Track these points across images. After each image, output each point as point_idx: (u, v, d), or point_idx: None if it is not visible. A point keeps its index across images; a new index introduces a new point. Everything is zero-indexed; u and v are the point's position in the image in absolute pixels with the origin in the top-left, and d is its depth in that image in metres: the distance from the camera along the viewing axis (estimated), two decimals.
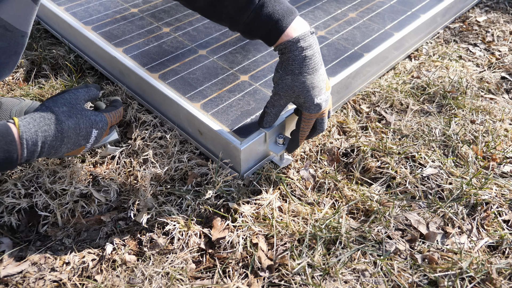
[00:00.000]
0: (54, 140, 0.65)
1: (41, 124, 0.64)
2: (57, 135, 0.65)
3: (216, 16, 0.75)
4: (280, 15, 0.70)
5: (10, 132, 0.60)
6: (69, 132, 0.66)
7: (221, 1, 0.71)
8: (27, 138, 0.61)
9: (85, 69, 1.16)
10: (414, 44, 1.26)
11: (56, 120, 0.65)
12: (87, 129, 0.69)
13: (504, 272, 0.70)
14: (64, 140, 0.66)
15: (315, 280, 0.68)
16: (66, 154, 0.70)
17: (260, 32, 0.72)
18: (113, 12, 1.22)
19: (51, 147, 0.65)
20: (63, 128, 0.66)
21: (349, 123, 0.99)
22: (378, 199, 0.82)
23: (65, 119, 0.66)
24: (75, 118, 0.68)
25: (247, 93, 0.94)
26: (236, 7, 0.71)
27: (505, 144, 0.95)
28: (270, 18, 0.70)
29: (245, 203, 0.80)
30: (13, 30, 0.64)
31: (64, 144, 0.66)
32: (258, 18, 0.71)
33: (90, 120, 0.70)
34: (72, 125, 0.67)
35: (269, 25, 0.71)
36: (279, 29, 0.71)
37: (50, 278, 0.68)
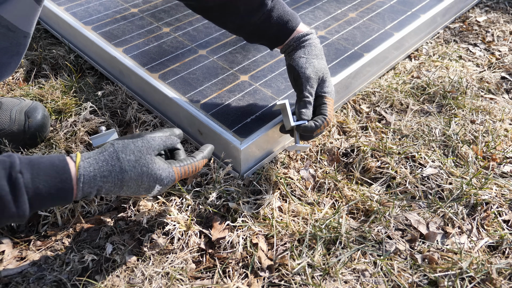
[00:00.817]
0: (113, 187, 0.60)
1: (102, 169, 0.59)
2: (116, 183, 0.60)
3: (224, 17, 0.79)
4: (290, 16, 0.79)
5: (67, 170, 0.56)
6: (130, 183, 0.61)
7: (234, 2, 0.76)
8: (84, 181, 0.57)
9: (85, 69, 1.16)
10: (414, 44, 1.26)
11: (120, 168, 0.59)
12: (150, 183, 0.62)
13: (504, 272, 0.70)
14: (123, 188, 0.61)
15: (315, 280, 0.68)
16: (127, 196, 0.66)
17: (270, 32, 0.79)
18: (113, 12, 1.22)
19: (108, 192, 0.60)
20: (124, 177, 0.60)
21: (349, 123, 0.99)
22: (378, 199, 0.82)
23: (129, 169, 0.60)
24: (139, 170, 0.61)
25: (247, 93, 0.94)
26: (248, 8, 0.76)
27: (505, 144, 0.95)
28: (281, 19, 0.78)
29: (245, 203, 0.80)
30: (15, 30, 0.64)
31: (123, 191, 0.62)
32: (270, 19, 0.78)
33: (155, 175, 0.62)
34: (134, 176, 0.60)
35: (280, 25, 0.78)
36: (290, 28, 0.79)
37: (50, 278, 0.68)
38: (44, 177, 0.54)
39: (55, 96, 1.03)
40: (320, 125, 0.75)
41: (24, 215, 0.53)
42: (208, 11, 0.79)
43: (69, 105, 1.00)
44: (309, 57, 0.78)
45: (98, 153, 0.60)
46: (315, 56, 0.79)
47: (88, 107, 0.98)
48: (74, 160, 0.58)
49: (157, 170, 0.62)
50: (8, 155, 0.54)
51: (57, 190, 0.55)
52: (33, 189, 0.53)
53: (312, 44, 0.80)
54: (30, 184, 0.53)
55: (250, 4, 0.76)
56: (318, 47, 0.81)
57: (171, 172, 0.64)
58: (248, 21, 0.77)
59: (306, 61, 0.77)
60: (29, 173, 0.53)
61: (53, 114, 0.99)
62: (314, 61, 0.78)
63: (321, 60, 0.80)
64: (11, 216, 0.52)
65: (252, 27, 0.78)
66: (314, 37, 0.81)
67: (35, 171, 0.54)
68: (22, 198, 0.52)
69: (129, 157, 0.61)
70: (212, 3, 0.76)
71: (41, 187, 0.53)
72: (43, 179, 0.54)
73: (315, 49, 0.80)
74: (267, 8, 0.77)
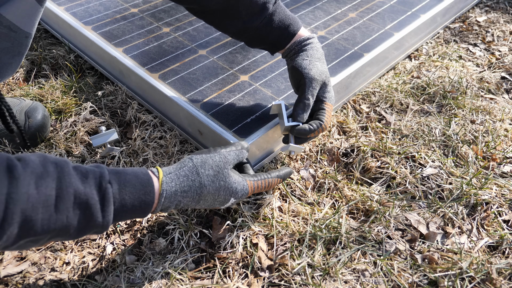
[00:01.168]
0: (191, 201, 0.62)
1: (183, 184, 0.61)
2: (194, 197, 0.62)
3: (225, 22, 0.79)
4: (291, 20, 0.79)
5: (151, 184, 0.58)
6: (207, 197, 0.63)
7: (235, 6, 0.75)
8: (166, 196, 0.59)
9: (85, 69, 1.16)
10: (414, 44, 1.26)
11: (199, 183, 0.62)
12: (225, 196, 0.65)
13: (504, 272, 0.70)
14: (200, 202, 0.63)
15: (315, 280, 0.68)
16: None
17: (271, 36, 0.79)
18: (113, 12, 1.22)
19: (185, 206, 0.63)
20: (203, 192, 0.62)
21: (349, 123, 0.99)
22: (378, 199, 0.82)
23: (208, 183, 0.62)
24: (217, 185, 0.63)
25: (247, 93, 0.94)
26: (249, 12, 0.76)
27: (505, 144, 0.95)
28: (282, 23, 0.78)
29: (245, 203, 0.80)
30: (17, 31, 0.64)
31: (199, 205, 0.64)
32: (271, 23, 0.77)
33: (231, 188, 0.65)
34: (212, 190, 0.63)
35: (282, 29, 0.78)
36: (291, 32, 0.79)
37: (50, 278, 0.68)
38: (130, 189, 0.55)
39: (55, 96, 1.03)
40: (314, 129, 0.75)
41: (106, 226, 0.53)
42: (209, 15, 0.79)
43: (69, 105, 1.00)
44: (312, 60, 0.78)
45: (178, 168, 0.62)
46: (317, 59, 0.79)
47: (88, 107, 0.98)
48: (157, 175, 0.60)
49: (233, 183, 0.65)
50: (97, 165, 0.55)
51: (140, 203, 0.56)
52: (120, 199, 0.54)
53: (314, 47, 0.79)
54: (117, 195, 0.54)
55: (251, 9, 0.75)
56: (320, 51, 0.80)
57: (245, 186, 0.67)
58: (250, 25, 0.77)
59: (309, 63, 0.77)
60: (117, 184, 0.54)
61: (53, 114, 0.99)
62: (318, 64, 0.78)
63: (323, 63, 0.80)
64: (95, 225, 0.52)
65: (253, 32, 0.78)
66: (315, 41, 0.80)
67: (122, 183, 0.55)
68: (109, 208, 0.53)
69: (208, 172, 0.63)
70: (214, 7, 0.76)
71: (127, 198, 0.55)
72: (129, 191, 0.55)
73: (317, 52, 0.79)
74: (269, 12, 0.76)
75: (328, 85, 0.79)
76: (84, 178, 0.52)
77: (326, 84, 0.79)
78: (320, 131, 0.76)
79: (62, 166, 0.51)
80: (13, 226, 0.45)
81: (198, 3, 0.76)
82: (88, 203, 0.51)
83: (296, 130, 0.76)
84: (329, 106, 0.79)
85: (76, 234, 0.52)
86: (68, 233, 0.50)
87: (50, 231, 0.48)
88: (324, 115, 0.76)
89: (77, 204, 0.50)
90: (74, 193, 0.50)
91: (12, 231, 0.45)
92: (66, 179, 0.50)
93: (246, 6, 0.75)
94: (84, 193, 0.50)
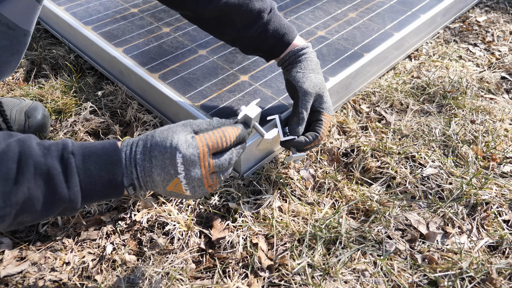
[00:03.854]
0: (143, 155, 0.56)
1: (139, 141, 0.57)
2: (145, 152, 0.56)
3: (220, 29, 0.79)
4: (286, 29, 0.78)
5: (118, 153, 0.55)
6: (155, 151, 0.55)
7: (230, 14, 0.75)
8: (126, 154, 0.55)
9: (85, 69, 1.16)
10: (414, 44, 1.26)
11: (151, 136, 0.57)
12: (171, 149, 0.55)
13: (504, 272, 0.70)
14: (152, 161, 0.55)
15: (315, 280, 0.68)
16: (169, 189, 0.58)
17: (266, 45, 0.79)
18: (113, 12, 1.22)
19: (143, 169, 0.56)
20: (152, 142, 0.56)
21: (349, 123, 0.99)
22: (378, 199, 0.82)
23: (157, 134, 0.57)
24: (165, 134, 0.57)
25: (247, 93, 0.94)
26: (244, 21, 0.76)
27: (505, 144, 0.95)
28: (277, 32, 0.77)
29: (245, 203, 0.80)
30: (15, 29, 0.64)
31: (154, 167, 0.56)
32: (266, 32, 0.77)
33: (177, 138, 0.56)
34: (159, 141, 0.56)
35: (276, 39, 0.78)
36: (285, 41, 0.78)
37: (50, 278, 0.68)
38: (95, 159, 0.53)
39: (55, 96, 1.03)
40: (310, 141, 0.76)
41: (76, 200, 0.51)
42: (204, 23, 0.79)
43: (69, 105, 1.00)
44: (306, 72, 0.77)
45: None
46: (311, 70, 0.78)
47: (88, 107, 0.98)
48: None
49: (179, 134, 0.57)
50: (62, 139, 0.54)
51: (108, 173, 0.53)
52: (84, 170, 0.52)
53: (308, 58, 0.79)
54: (81, 165, 0.52)
55: (246, 17, 0.75)
56: (315, 61, 0.80)
57: (191, 138, 0.57)
58: (244, 34, 0.77)
59: (303, 76, 0.77)
60: (81, 155, 0.52)
61: (53, 114, 0.99)
62: (311, 76, 0.77)
63: (318, 74, 0.79)
64: (62, 199, 0.50)
65: (248, 40, 0.78)
66: (310, 51, 0.80)
67: (86, 153, 0.53)
68: (73, 179, 0.51)
69: (163, 128, 0.58)
70: (208, 15, 0.76)
71: (92, 168, 0.52)
72: (94, 161, 0.53)
73: (311, 63, 0.79)
74: (263, 21, 0.76)
75: (323, 95, 0.79)
76: (46, 150, 0.51)
77: (321, 95, 0.78)
78: (317, 142, 0.77)
79: (24, 140, 0.50)
80: None
81: (193, 10, 0.76)
82: (49, 174, 0.49)
83: (292, 143, 0.77)
84: (326, 116, 0.79)
85: (44, 210, 0.50)
86: (33, 207, 0.49)
87: (13, 204, 0.47)
88: (320, 127, 0.77)
89: (38, 175, 0.49)
90: (34, 164, 0.49)
91: None
92: (27, 152, 0.49)
93: (240, 15, 0.75)
94: (44, 163, 0.49)
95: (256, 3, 0.75)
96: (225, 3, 0.73)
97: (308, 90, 0.76)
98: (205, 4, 0.74)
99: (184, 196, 0.59)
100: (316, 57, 0.81)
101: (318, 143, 0.78)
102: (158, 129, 0.58)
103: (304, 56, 0.79)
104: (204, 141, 0.57)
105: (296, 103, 0.77)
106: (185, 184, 0.57)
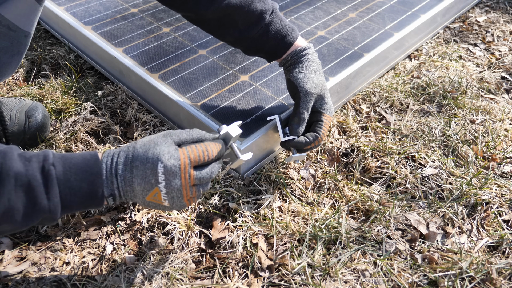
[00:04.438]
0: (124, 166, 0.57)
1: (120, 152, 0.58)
2: (127, 164, 0.57)
3: (222, 30, 0.79)
4: (288, 30, 0.78)
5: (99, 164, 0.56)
6: (136, 162, 0.56)
7: (232, 16, 0.75)
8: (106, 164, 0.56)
9: (85, 69, 1.16)
10: (414, 44, 1.26)
11: (133, 148, 0.58)
12: (153, 160, 0.56)
13: (504, 272, 0.70)
14: (133, 171, 0.56)
15: (315, 280, 0.68)
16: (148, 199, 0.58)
17: (268, 46, 0.79)
18: (113, 12, 1.22)
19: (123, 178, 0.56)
20: (134, 154, 0.57)
21: (349, 123, 0.99)
22: (378, 199, 0.82)
23: (139, 146, 0.58)
24: (147, 146, 0.57)
25: (247, 93, 0.94)
26: (246, 22, 0.76)
27: (505, 144, 0.95)
28: (278, 33, 0.77)
29: (245, 203, 0.80)
30: (16, 30, 0.64)
31: (134, 177, 0.56)
32: (268, 33, 0.77)
33: (159, 150, 0.57)
34: (141, 153, 0.57)
35: (278, 39, 0.78)
36: (287, 42, 0.78)
37: (50, 278, 0.68)
38: (75, 171, 0.54)
39: (55, 96, 1.03)
40: (311, 142, 0.77)
41: (55, 211, 0.52)
42: (206, 24, 0.79)
43: (69, 105, 1.00)
44: (308, 72, 0.78)
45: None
46: (313, 71, 0.78)
47: (88, 107, 0.98)
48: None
49: (163, 146, 0.57)
50: (43, 150, 0.55)
51: (88, 184, 0.54)
52: (64, 181, 0.53)
53: (310, 59, 0.79)
54: (62, 176, 0.52)
55: (248, 19, 0.75)
56: (316, 62, 0.80)
57: (174, 150, 0.57)
58: (246, 35, 0.77)
59: (304, 76, 0.77)
60: (61, 167, 0.53)
61: (53, 114, 0.99)
62: (313, 76, 0.78)
63: (320, 75, 0.79)
64: (42, 209, 0.51)
65: (249, 41, 0.78)
66: (312, 52, 0.80)
67: (67, 165, 0.54)
68: (54, 190, 0.51)
69: (144, 140, 0.59)
70: (210, 16, 0.76)
71: (73, 180, 0.53)
72: (74, 172, 0.53)
73: (313, 64, 0.79)
74: (265, 22, 0.76)
75: (325, 96, 0.79)
76: (27, 162, 0.52)
77: (322, 96, 0.79)
78: (317, 143, 0.78)
79: (6, 152, 0.51)
80: None
81: (195, 12, 0.76)
82: (30, 185, 0.50)
83: (292, 143, 0.77)
84: (327, 117, 0.79)
85: (24, 220, 0.51)
86: (13, 217, 0.50)
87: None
88: (321, 127, 0.78)
89: (19, 186, 0.50)
90: (15, 176, 0.50)
91: None
92: (8, 163, 0.50)
93: (242, 16, 0.75)
94: (25, 175, 0.50)
95: (258, 4, 0.75)
96: (227, 4, 0.74)
97: (309, 90, 0.76)
98: (207, 6, 0.74)
99: (162, 207, 0.60)
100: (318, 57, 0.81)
101: (318, 143, 0.78)
102: (139, 141, 0.59)
103: (306, 57, 0.79)
104: (186, 154, 0.58)
105: (297, 104, 0.77)
106: (165, 194, 0.58)
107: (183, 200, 0.59)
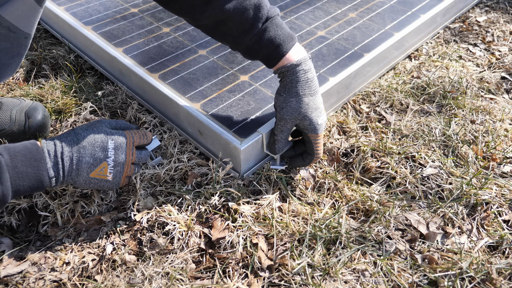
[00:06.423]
0: (70, 147, 0.67)
1: (60, 136, 0.69)
2: (71, 145, 0.67)
3: (219, 35, 0.79)
4: (282, 40, 0.74)
5: (40, 151, 0.65)
6: (84, 142, 0.68)
7: (226, 22, 0.75)
8: (48, 147, 0.66)
9: (85, 69, 1.16)
10: (414, 44, 1.26)
11: (73, 131, 0.70)
12: (102, 139, 0.70)
13: (504, 272, 0.70)
14: (80, 151, 0.68)
15: (315, 280, 0.68)
16: (92, 175, 0.70)
17: (261, 55, 0.77)
18: (113, 12, 1.22)
19: (69, 159, 0.67)
20: (79, 138, 0.68)
21: (349, 123, 0.99)
22: (378, 199, 0.82)
23: (81, 131, 0.70)
24: (90, 131, 0.70)
25: (247, 93, 0.94)
26: (240, 29, 0.75)
27: (505, 144, 0.95)
28: (271, 42, 0.74)
29: (245, 203, 0.80)
30: (16, 31, 0.64)
31: (82, 156, 0.68)
32: (260, 41, 0.75)
33: (106, 131, 0.71)
34: (86, 135, 0.69)
35: (270, 49, 0.75)
36: (279, 53, 0.75)
37: (50, 278, 0.68)
38: (21, 157, 0.62)
39: (55, 96, 1.03)
40: (307, 163, 0.82)
41: (7, 195, 0.60)
42: (204, 28, 0.79)
43: (69, 105, 1.00)
44: (287, 96, 0.75)
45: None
46: (295, 94, 0.75)
47: (88, 107, 0.98)
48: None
49: (104, 127, 0.72)
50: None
51: (33, 168, 0.62)
52: (12, 167, 0.60)
53: (296, 79, 0.75)
54: (10, 163, 0.60)
55: (241, 26, 0.74)
56: (303, 81, 0.75)
57: (122, 132, 0.73)
58: (240, 41, 0.76)
59: (283, 100, 0.76)
60: (7, 155, 0.61)
61: (53, 114, 0.99)
62: (292, 101, 0.75)
63: (302, 98, 0.75)
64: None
65: (244, 47, 0.77)
66: (302, 69, 0.75)
67: (12, 153, 0.62)
68: (5, 175, 0.59)
69: (82, 126, 0.72)
70: (205, 22, 0.76)
71: (19, 165, 0.61)
72: (20, 159, 0.62)
73: (297, 85, 0.75)
74: (257, 30, 0.74)
75: (307, 117, 0.76)
76: None
77: (305, 118, 0.76)
78: (314, 161, 0.82)
79: None
80: None
81: (191, 17, 0.76)
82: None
83: (291, 163, 0.85)
84: (315, 136, 0.78)
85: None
86: None
87: None
88: (312, 149, 0.80)
89: None
90: None
91: None
92: None
93: (236, 23, 0.74)
94: None
95: (252, 12, 0.73)
96: (221, 10, 0.73)
97: (283, 117, 0.76)
98: (201, 11, 0.74)
99: (103, 182, 0.71)
100: (312, 70, 0.77)
101: (315, 161, 0.82)
102: (79, 127, 0.71)
103: (295, 76, 0.75)
104: (131, 135, 0.74)
105: (275, 124, 0.79)
106: (111, 167, 0.70)
107: (122, 176, 0.72)
